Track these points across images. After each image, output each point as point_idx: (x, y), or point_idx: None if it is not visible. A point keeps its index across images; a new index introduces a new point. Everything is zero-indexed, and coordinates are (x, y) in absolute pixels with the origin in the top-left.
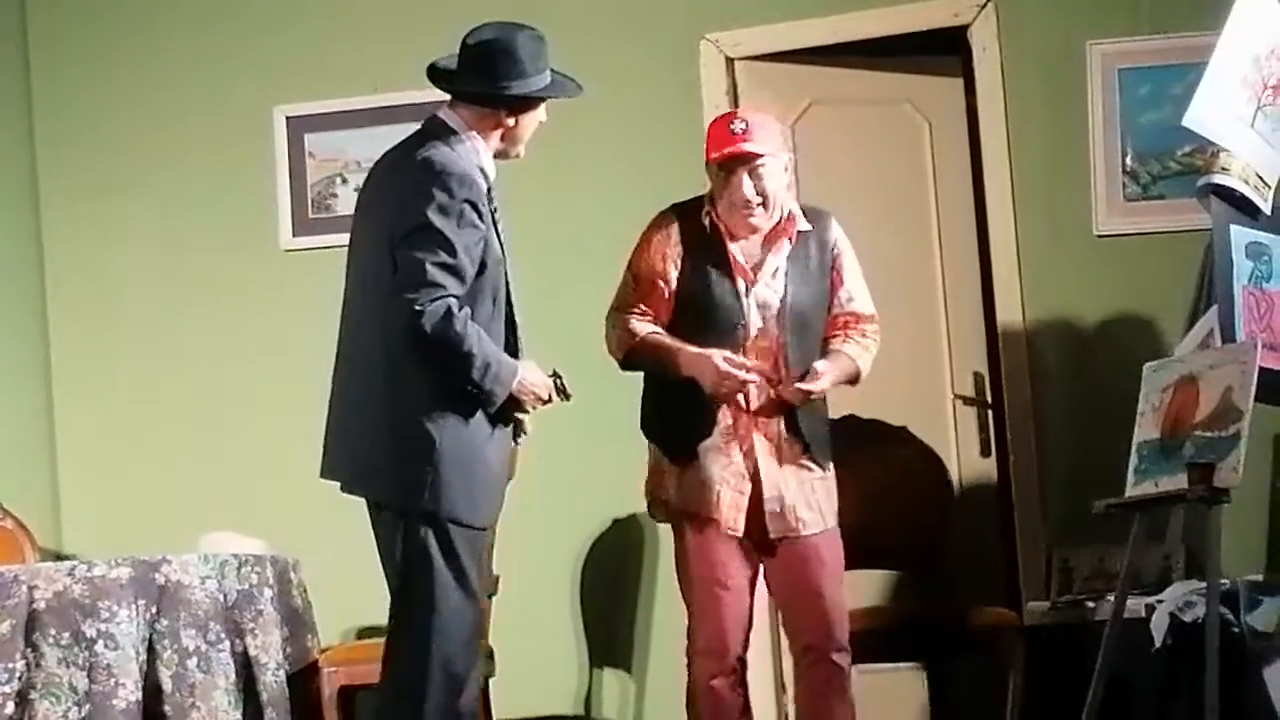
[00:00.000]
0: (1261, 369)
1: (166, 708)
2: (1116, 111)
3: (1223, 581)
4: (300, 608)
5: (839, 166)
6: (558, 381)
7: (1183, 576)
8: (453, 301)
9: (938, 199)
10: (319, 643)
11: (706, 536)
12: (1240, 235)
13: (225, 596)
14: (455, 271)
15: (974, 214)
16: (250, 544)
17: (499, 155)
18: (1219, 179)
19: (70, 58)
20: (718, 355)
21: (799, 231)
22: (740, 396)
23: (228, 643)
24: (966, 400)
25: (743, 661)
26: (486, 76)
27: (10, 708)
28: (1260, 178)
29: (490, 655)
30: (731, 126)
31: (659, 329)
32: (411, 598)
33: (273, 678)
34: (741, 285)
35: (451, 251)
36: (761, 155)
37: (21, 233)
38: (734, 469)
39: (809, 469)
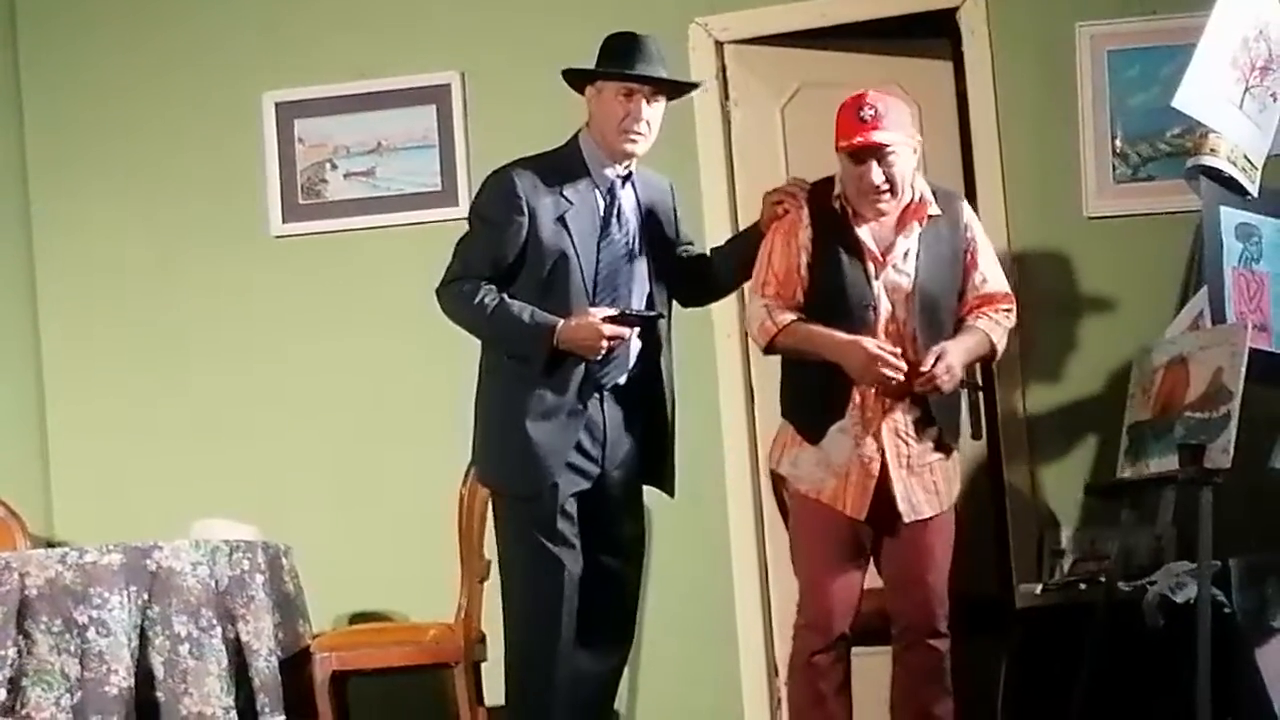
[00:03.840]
0: (1251, 350)
1: (159, 694)
2: (1106, 93)
3: (1214, 562)
4: (292, 593)
5: (829, 150)
6: (627, 313)
7: (1174, 558)
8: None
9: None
10: (311, 628)
11: (826, 519)
12: (1230, 216)
13: (217, 583)
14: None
15: (964, 196)
16: (242, 530)
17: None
18: (1208, 160)
19: (58, 46)
20: (870, 342)
21: (930, 215)
22: (897, 379)
23: (219, 629)
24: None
25: (846, 639)
26: None
27: (2, 695)
28: (1248, 159)
29: (482, 640)
30: (861, 113)
31: (800, 315)
32: (500, 569)
33: (265, 664)
34: (871, 269)
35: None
36: (891, 145)
37: (10, 219)
38: (862, 452)
39: (933, 452)
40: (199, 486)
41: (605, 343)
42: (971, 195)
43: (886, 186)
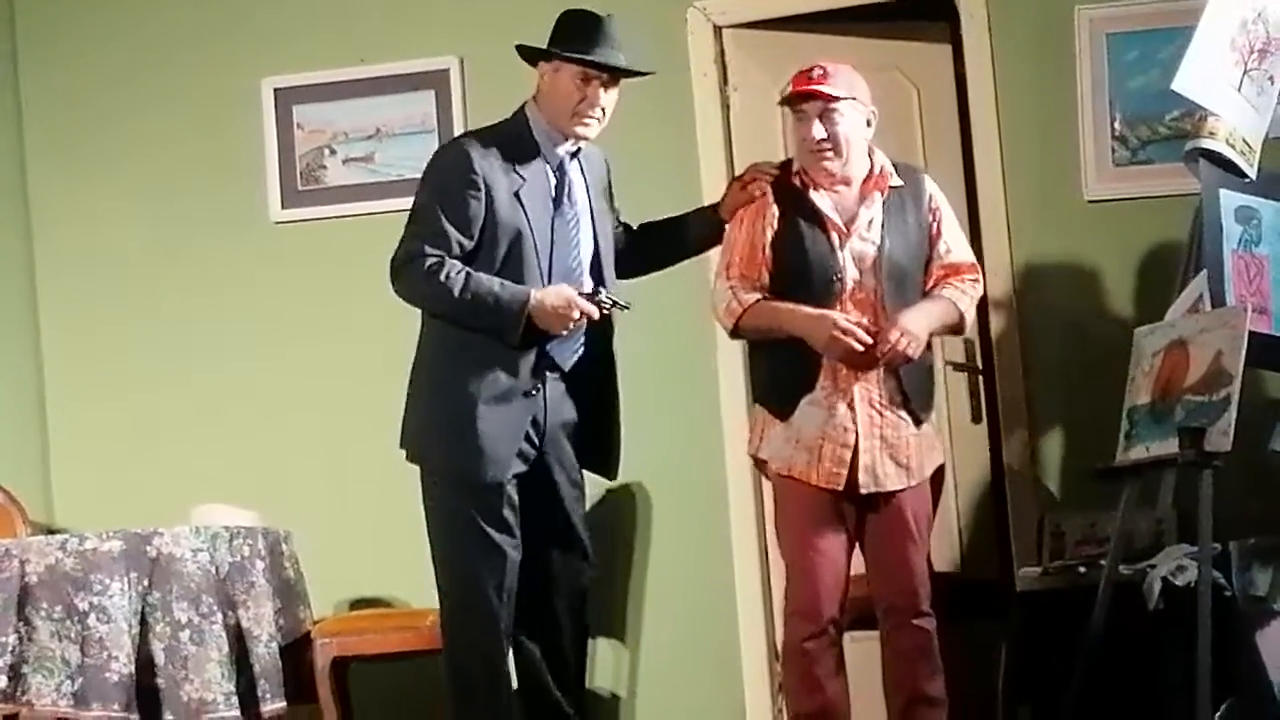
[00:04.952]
0: (1251, 333)
1: (159, 680)
2: (1105, 76)
3: (1214, 545)
4: (292, 579)
5: None
6: (599, 299)
7: (1174, 541)
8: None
9: (927, 165)
10: (311, 615)
11: (801, 496)
12: (1229, 199)
13: (217, 569)
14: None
15: (963, 180)
16: (242, 516)
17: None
18: (1207, 143)
19: (57, 32)
20: (836, 315)
21: (892, 186)
22: (863, 350)
23: (220, 615)
24: (957, 366)
25: (837, 623)
26: None
27: (3, 681)
28: (1246, 142)
29: None
30: (809, 72)
31: (764, 295)
32: (431, 549)
33: (265, 650)
34: (835, 239)
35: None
36: (834, 99)
37: (10, 207)
38: (835, 423)
39: (904, 422)
40: (199, 472)
41: (577, 315)
42: (970, 179)
43: (829, 145)
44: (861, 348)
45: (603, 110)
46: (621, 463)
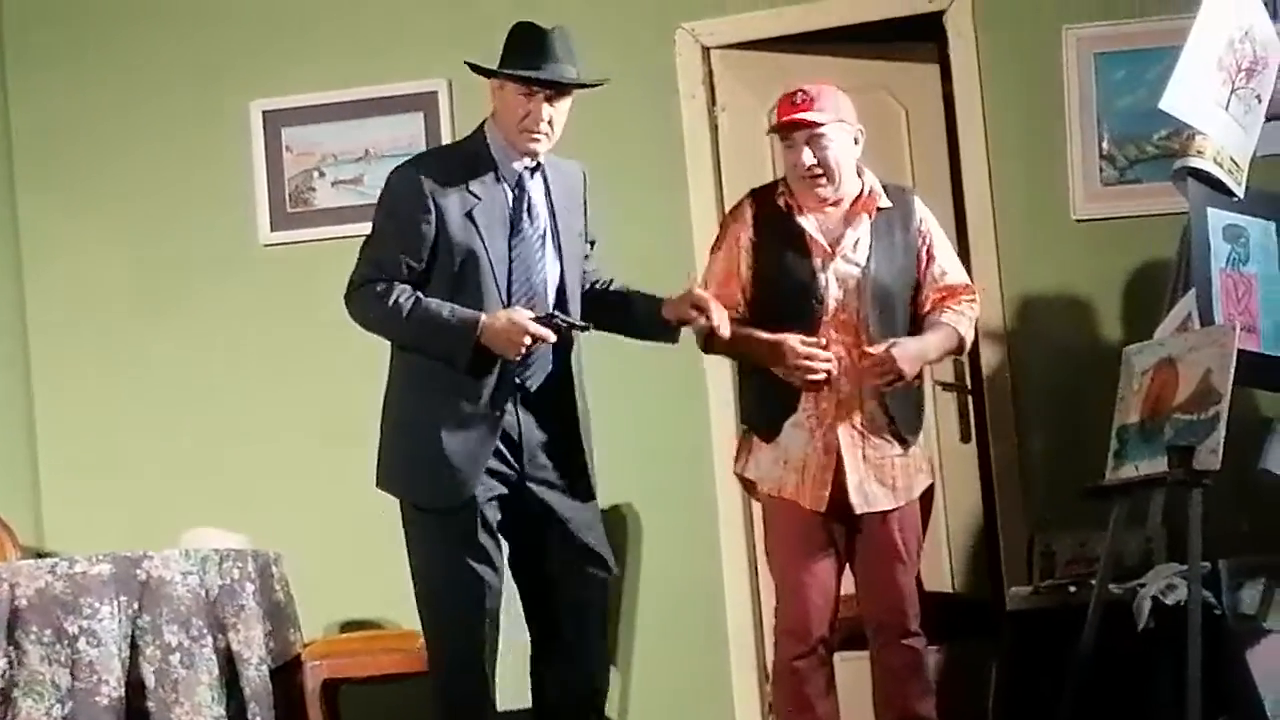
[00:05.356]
0: (1240, 351)
1: (150, 704)
2: (1093, 96)
3: (1204, 564)
4: (282, 602)
5: None
6: (556, 321)
7: (1164, 559)
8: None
9: (915, 185)
10: (302, 637)
11: (791, 517)
12: (1217, 218)
13: (207, 592)
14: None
15: (951, 200)
16: (232, 539)
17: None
18: (1194, 162)
19: (46, 53)
20: (794, 339)
21: (880, 208)
22: (823, 377)
23: (210, 638)
24: (946, 386)
25: (826, 642)
26: None
27: None
28: (1234, 160)
29: None
30: (793, 99)
31: (738, 314)
32: (412, 576)
33: (255, 673)
34: (819, 261)
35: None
36: (819, 125)
37: (0, 232)
38: (817, 445)
39: (889, 444)
40: (189, 496)
41: (529, 340)
42: (959, 198)
43: (820, 170)
44: (830, 362)
45: (550, 124)
46: (601, 484)
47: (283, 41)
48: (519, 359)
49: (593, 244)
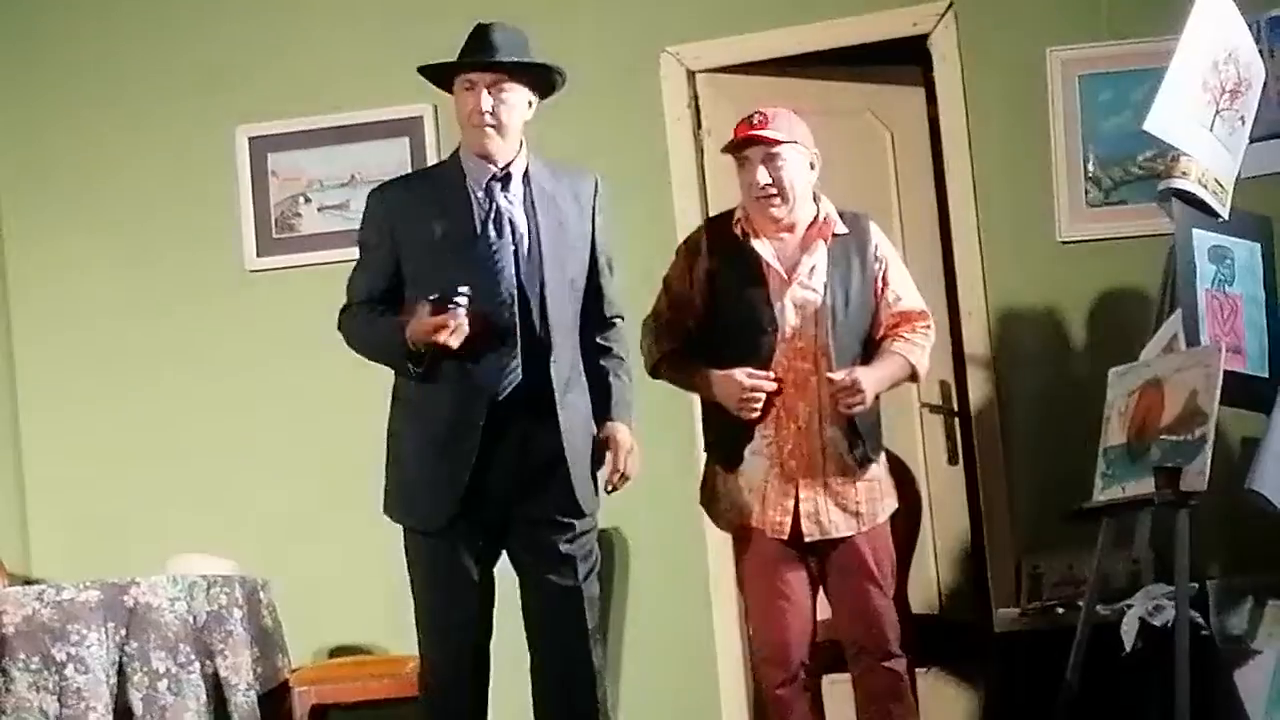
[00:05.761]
0: (1226, 372)
1: None
2: (1078, 118)
3: (1192, 585)
4: (270, 628)
5: None
6: (444, 298)
7: (1151, 581)
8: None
9: (900, 207)
10: (289, 663)
11: (761, 546)
12: (1203, 239)
13: (195, 618)
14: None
15: (937, 222)
16: (219, 565)
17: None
18: (1179, 183)
19: (31, 78)
20: (740, 374)
21: (836, 234)
22: (758, 411)
23: (198, 664)
24: (933, 408)
25: (807, 667)
26: None
27: None
28: (1218, 182)
29: None
30: (750, 119)
31: (679, 347)
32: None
33: (243, 698)
34: (774, 287)
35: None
36: (775, 142)
37: None
38: (778, 473)
39: (851, 469)
40: (176, 522)
41: (437, 330)
42: (944, 221)
43: (774, 189)
44: (759, 404)
45: (492, 114)
46: (589, 499)
47: (268, 67)
48: (455, 350)
49: (608, 263)
